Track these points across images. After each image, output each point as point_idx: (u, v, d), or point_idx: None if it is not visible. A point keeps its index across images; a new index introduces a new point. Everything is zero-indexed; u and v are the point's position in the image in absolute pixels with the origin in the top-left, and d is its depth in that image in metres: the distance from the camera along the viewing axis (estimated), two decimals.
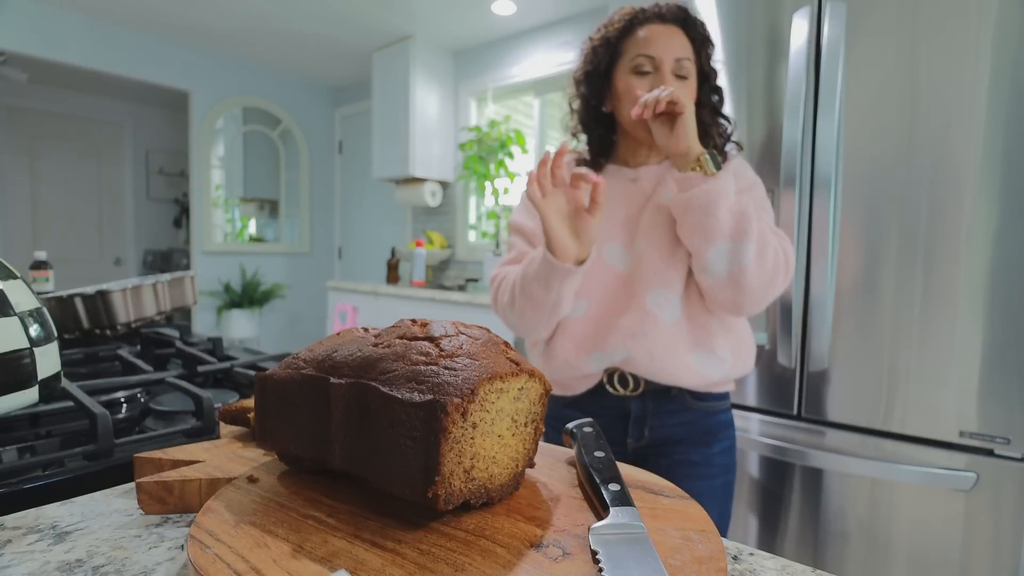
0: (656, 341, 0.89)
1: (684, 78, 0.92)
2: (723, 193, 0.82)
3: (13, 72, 3.64)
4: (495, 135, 3.12)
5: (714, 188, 0.82)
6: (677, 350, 0.90)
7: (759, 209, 0.92)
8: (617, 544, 0.32)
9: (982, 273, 1.13)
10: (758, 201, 0.93)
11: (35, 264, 1.64)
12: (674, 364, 0.90)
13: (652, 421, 0.94)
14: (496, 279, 1.01)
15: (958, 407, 1.15)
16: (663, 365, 0.89)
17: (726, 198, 0.82)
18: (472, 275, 3.50)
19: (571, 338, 0.94)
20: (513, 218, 1.05)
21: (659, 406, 0.93)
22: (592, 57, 0.97)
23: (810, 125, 1.30)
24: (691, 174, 0.84)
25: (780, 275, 0.87)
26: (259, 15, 3.21)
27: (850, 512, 1.27)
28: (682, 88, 0.92)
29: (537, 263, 0.84)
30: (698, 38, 0.93)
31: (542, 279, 0.84)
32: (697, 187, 0.83)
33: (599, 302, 0.94)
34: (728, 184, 0.83)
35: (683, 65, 0.91)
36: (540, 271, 0.84)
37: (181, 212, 5.48)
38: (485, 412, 0.35)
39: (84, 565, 0.34)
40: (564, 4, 2.89)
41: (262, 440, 0.43)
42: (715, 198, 0.82)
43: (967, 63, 1.13)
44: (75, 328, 0.98)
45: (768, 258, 0.85)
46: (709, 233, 0.83)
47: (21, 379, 0.51)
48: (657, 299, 0.90)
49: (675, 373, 0.90)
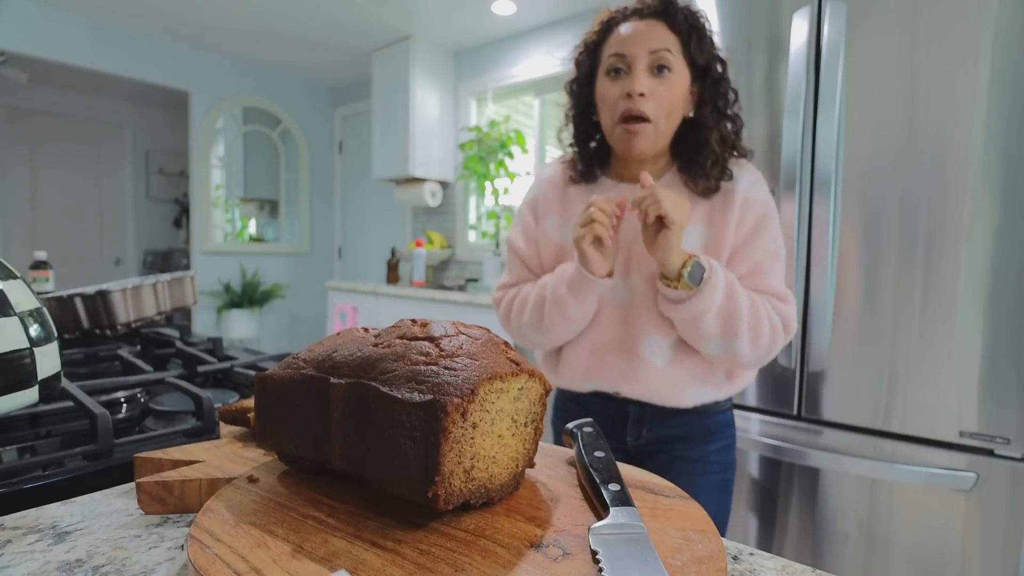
0: (650, 385, 0.91)
1: (665, 69, 0.84)
2: (706, 308, 0.81)
3: (13, 72, 3.64)
4: (495, 135, 3.12)
5: (697, 305, 0.81)
6: (672, 389, 0.91)
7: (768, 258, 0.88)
8: (617, 544, 0.32)
9: (982, 273, 1.13)
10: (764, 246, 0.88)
11: (35, 264, 1.64)
12: (670, 398, 0.92)
13: (650, 423, 0.95)
14: (505, 300, 1.01)
15: (958, 407, 1.15)
16: (656, 398, 0.92)
17: (710, 310, 0.81)
18: (472, 275, 3.50)
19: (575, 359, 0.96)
20: (510, 238, 1.04)
21: (657, 410, 0.95)
22: (576, 66, 0.95)
23: (810, 125, 1.30)
24: (671, 292, 0.82)
25: (778, 344, 0.87)
26: (259, 15, 3.21)
27: (850, 512, 1.27)
28: (662, 84, 0.84)
29: (568, 280, 0.88)
30: (683, 27, 0.86)
31: (577, 294, 0.87)
32: (680, 303, 0.82)
33: (598, 330, 0.94)
34: (712, 294, 0.81)
35: (662, 57, 0.84)
36: (574, 286, 0.87)
37: (181, 212, 5.48)
38: (485, 412, 0.35)
39: (84, 565, 0.34)
40: (564, 4, 2.89)
41: (262, 440, 0.43)
42: (699, 313, 0.81)
43: (967, 63, 1.13)
44: (75, 328, 0.98)
45: (763, 338, 0.84)
46: (698, 338, 0.85)
47: (21, 379, 0.51)
48: (651, 346, 0.90)
49: (669, 401, 0.92)
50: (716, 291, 0.81)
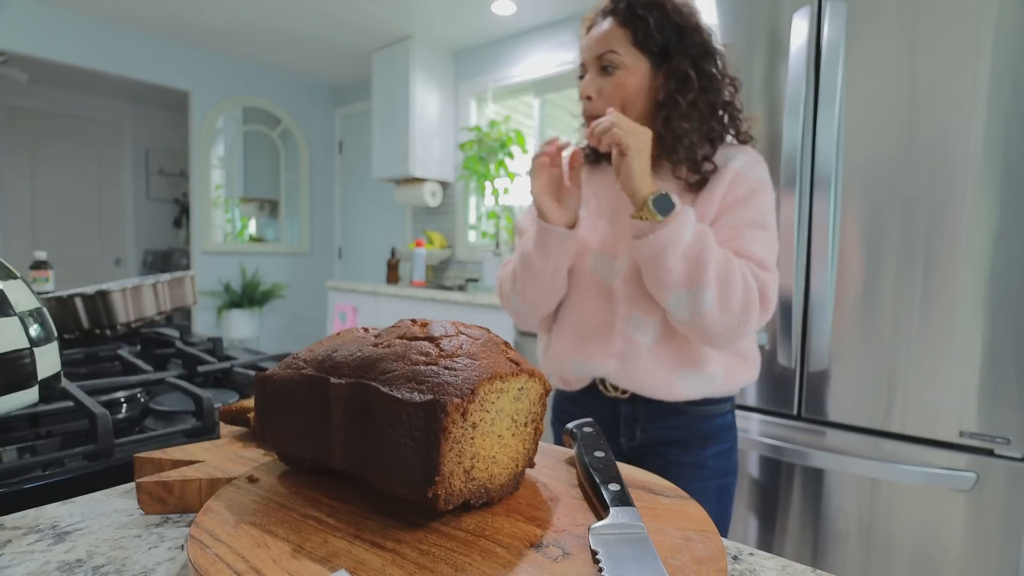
0: (636, 364, 0.89)
1: (611, 68, 0.87)
2: (671, 242, 0.77)
3: (13, 72, 3.64)
4: (495, 135, 3.12)
5: (661, 238, 0.77)
6: (658, 372, 0.88)
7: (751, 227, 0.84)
8: (617, 544, 0.32)
9: (982, 273, 1.13)
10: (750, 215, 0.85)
11: (35, 264, 1.64)
12: (656, 384, 0.88)
13: (643, 423, 0.93)
14: (501, 274, 1.04)
15: (958, 407, 1.15)
16: (645, 384, 0.89)
17: (676, 246, 0.77)
18: (472, 275, 3.50)
19: (562, 339, 0.97)
20: (518, 220, 1.07)
21: (649, 410, 0.92)
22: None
23: (810, 125, 1.30)
24: (638, 223, 0.79)
25: (752, 313, 0.80)
26: (259, 15, 3.21)
27: (850, 512, 1.27)
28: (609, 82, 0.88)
29: (534, 235, 0.91)
30: (630, 21, 0.86)
31: (540, 247, 0.90)
32: (644, 237, 0.79)
33: (583, 310, 0.95)
34: (679, 230, 0.77)
35: (606, 58, 0.87)
36: (538, 240, 0.90)
37: (181, 212, 5.48)
38: (485, 412, 0.35)
39: (84, 565, 0.34)
40: (564, 4, 2.89)
41: (262, 440, 0.43)
42: (662, 248, 0.77)
43: (967, 63, 1.13)
44: (75, 328, 0.98)
45: (734, 300, 0.79)
46: (662, 283, 0.80)
47: (21, 379, 0.51)
48: (636, 323, 0.89)
49: (658, 390, 0.89)
50: (684, 228, 0.77)
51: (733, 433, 0.97)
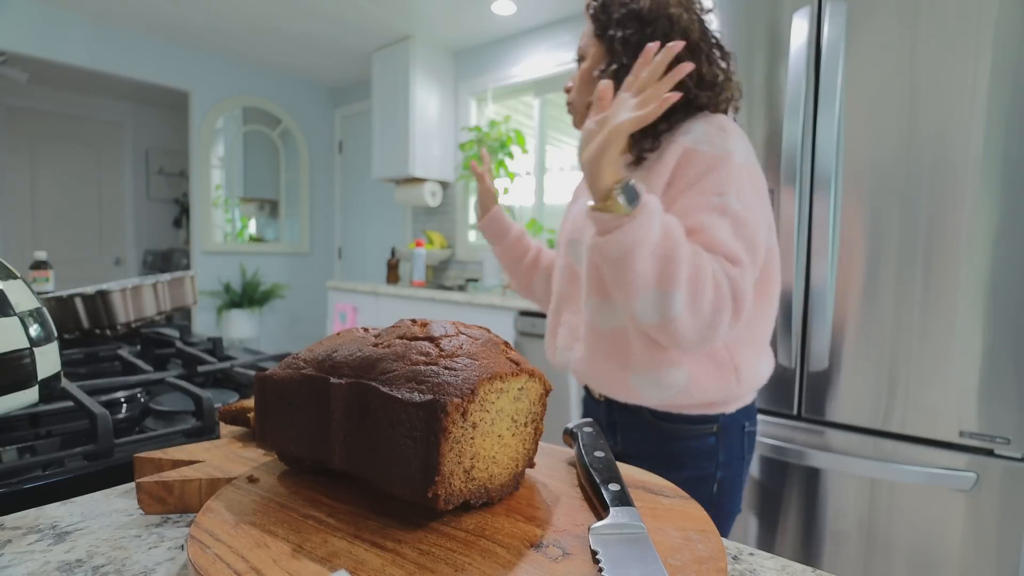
0: (590, 347, 0.85)
1: (580, 60, 0.93)
2: (639, 240, 0.67)
3: (13, 72, 3.64)
4: (495, 135, 3.12)
5: (628, 235, 0.67)
6: (609, 364, 0.82)
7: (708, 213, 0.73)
8: (617, 544, 0.32)
9: (982, 273, 1.13)
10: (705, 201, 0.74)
11: (35, 264, 1.64)
12: (610, 378, 0.82)
13: (621, 432, 0.89)
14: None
15: (958, 407, 1.15)
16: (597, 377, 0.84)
17: (644, 244, 0.68)
18: (472, 275, 3.50)
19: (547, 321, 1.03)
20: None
21: (622, 417, 0.87)
22: None
23: (810, 125, 1.30)
24: (602, 216, 0.69)
25: (724, 313, 0.71)
26: (259, 15, 3.21)
27: (850, 512, 1.27)
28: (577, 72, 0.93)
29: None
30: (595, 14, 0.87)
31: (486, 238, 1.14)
32: (609, 233, 0.69)
33: (558, 296, 0.98)
34: (648, 224, 0.67)
35: (579, 51, 0.93)
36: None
37: (181, 212, 5.48)
38: (485, 412, 0.35)
39: (84, 565, 0.34)
40: (564, 4, 2.89)
41: (262, 440, 0.43)
42: (631, 247, 0.67)
43: (967, 63, 1.13)
44: (75, 328, 0.98)
45: (705, 300, 0.70)
46: (629, 286, 0.70)
47: (21, 379, 0.51)
48: (594, 303, 0.84)
49: (611, 387, 0.83)
50: (652, 221, 0.68)
51: (711, 462, 0.83)
